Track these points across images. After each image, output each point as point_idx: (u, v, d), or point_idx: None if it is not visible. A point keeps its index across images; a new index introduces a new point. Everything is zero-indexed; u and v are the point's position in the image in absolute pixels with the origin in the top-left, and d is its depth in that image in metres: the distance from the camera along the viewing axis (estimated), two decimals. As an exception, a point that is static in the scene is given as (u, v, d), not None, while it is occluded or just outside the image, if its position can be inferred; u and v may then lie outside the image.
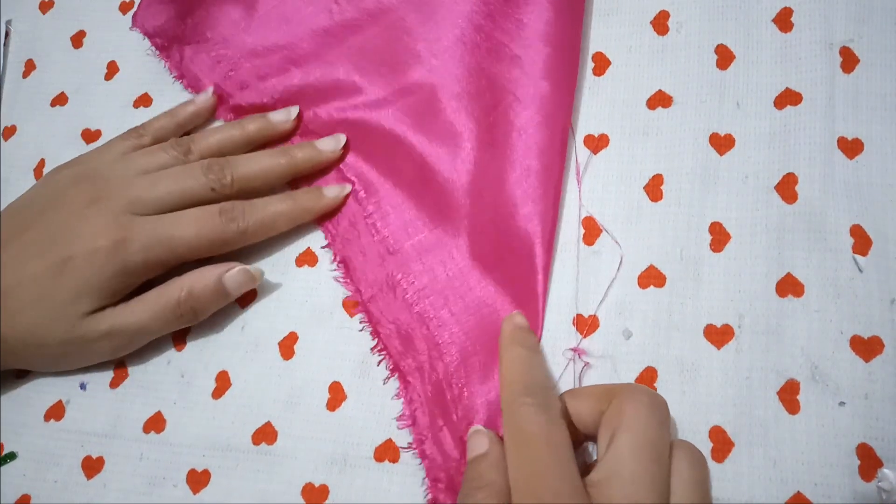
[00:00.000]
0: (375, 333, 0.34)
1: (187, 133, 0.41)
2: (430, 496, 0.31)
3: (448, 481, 0.30)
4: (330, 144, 0.38)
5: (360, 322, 0.35)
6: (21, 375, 0.38)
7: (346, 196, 0.37)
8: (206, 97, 0.41)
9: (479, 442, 0.29)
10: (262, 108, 0.40)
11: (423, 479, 0.31)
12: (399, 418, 0.32)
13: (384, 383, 0.33)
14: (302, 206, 0.37)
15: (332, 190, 0.37)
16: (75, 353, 0.35)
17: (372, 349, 0.34)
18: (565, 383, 0.32)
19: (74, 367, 0.36)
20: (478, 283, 0.34)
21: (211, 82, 0.41)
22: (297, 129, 0.40)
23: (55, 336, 0.34)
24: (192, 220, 0.35)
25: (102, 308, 0.34)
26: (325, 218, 0.37)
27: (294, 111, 0.39)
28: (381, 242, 0.36)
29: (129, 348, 0.36)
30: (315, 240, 0.38)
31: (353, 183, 0.38)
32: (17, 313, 0.34)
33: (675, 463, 0.26)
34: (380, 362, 0.34)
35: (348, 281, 0.36)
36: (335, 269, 0.36)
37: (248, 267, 0.36)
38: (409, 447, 0.32)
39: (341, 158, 0.38)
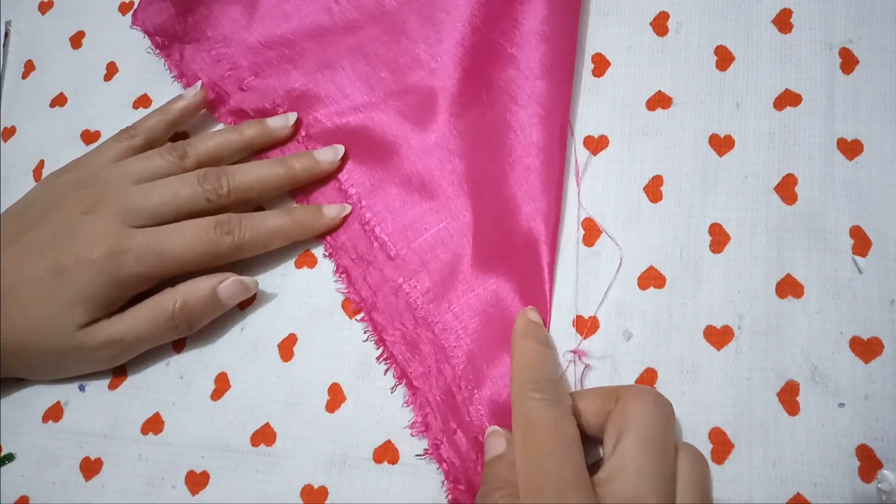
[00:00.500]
0: (381, 341, 0.34)
1: (180, 131, 0.41)
2: (450, 497, 0.30)
3: (468, 483, 0.30)
4: (329, 155, 0.38)
5: (364, 332, 0.35)
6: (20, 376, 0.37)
7: (346, 217, 0.37)
8: (194, 91, 0.40)
9: (497, 442, 0.29)
10: (263, 113, 0.40)
11: (443, 481, 0.31)
12: (411, 426, 0.32)
13: (392, 392, 0.33)
14: (300, 224, 0.36)
15: (332, 210, 0.37)
16: (72, 362, 0.35)
17: (377, 358, 0.34)
18: (567, 385, 0.32)
19: (72, 374, 0.36)
20: (481, 285, 0.34)
21: (210, 81, 0.41)
22: (296, 135, 0.40)
23: (52, 345, 0.34)
24: (186, 233, 0.34)
25: (97, 320, 0.34)
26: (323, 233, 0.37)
27: (292, 117, 0.39)
28: (380, 248, 0.36)
29: (125, 357, 0.36)
30: (315, 241, 0.37)
31: (349, 189, 0.38)
32: (17, 315, 0.33)
33: (678, 462, 0.26)
34: (386, 371, 0.34)
35: (351, 290, 0.36)
36: (337, 280, 0.36)
37: (242, 278, 0.35)
38: (424, 454, 0.32)
39: (339, 169, 0.38)
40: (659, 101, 0.36)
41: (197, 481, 0.33)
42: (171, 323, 0.34)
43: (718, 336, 0.31)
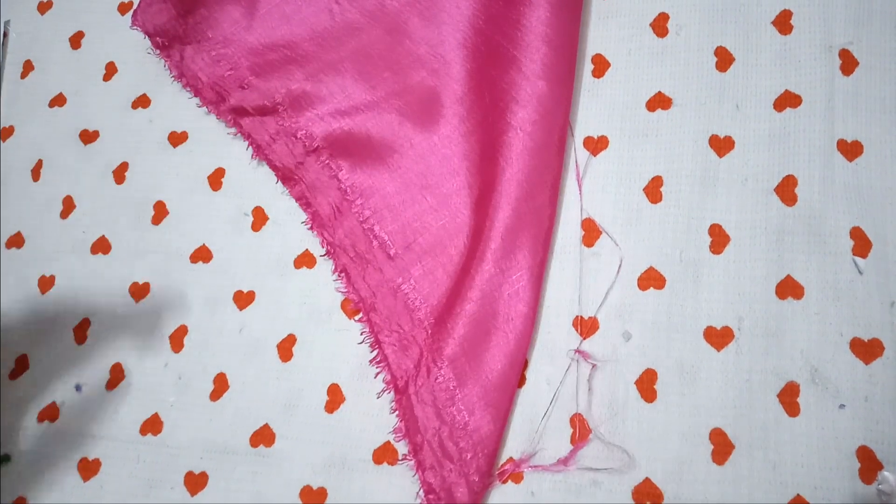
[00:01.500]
0: (376, 343, 0.34)
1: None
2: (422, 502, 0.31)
3: (446, 491, 0.30)
4: None
5: (361, 333, 0.35)
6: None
7: None
8: None
9: None
10: (263, 110, 0.40)
11: (418, 492, 0.31)
12: (395, 430, 0.32)
13: (377, 397, 0.33)
14: None
15: None
16: None
17: (370, 361, 0.34)
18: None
19: None
20: (476, 284, 0.34)
21: (210, 81, 0.41)
22: (295, 130, 0.40)
23: None
24: None
25: None
26: (321, 226, 0.37)
27: None
28: (380, 248, 0.36)
29: None
30: (314, 242, 0.37)
31: (348, 187, 0.37)
32: None
33: None
34: (377, 375, 0.34)
35: (350, 290, 0.36)
36: (336, 280, 0.36)
37: None
38: (403, 459, 0.32)
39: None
40: (659, 102, 0.36)
41: (196, 482, 0.33)
42: None
43: (718, 337, 0.31)
